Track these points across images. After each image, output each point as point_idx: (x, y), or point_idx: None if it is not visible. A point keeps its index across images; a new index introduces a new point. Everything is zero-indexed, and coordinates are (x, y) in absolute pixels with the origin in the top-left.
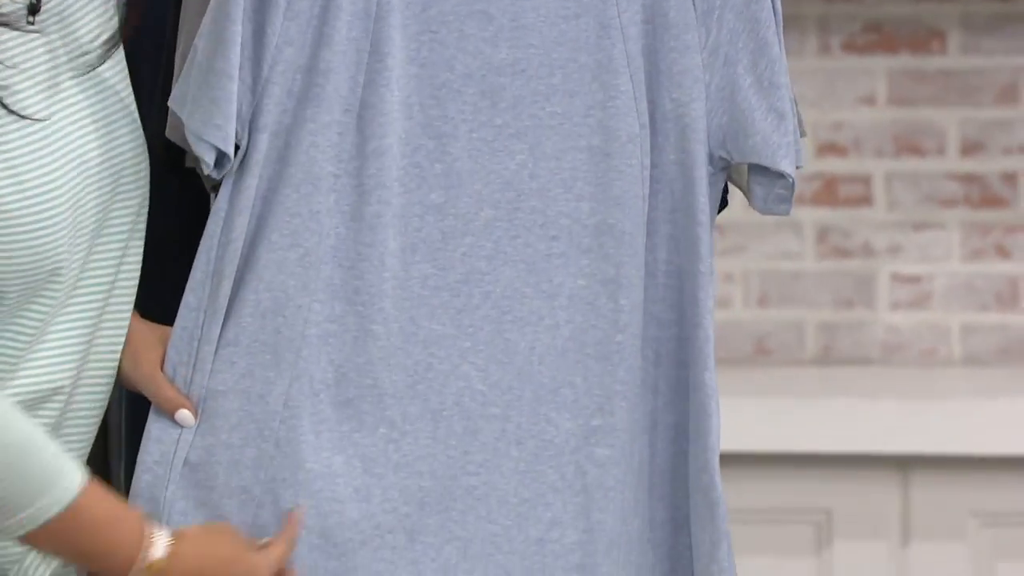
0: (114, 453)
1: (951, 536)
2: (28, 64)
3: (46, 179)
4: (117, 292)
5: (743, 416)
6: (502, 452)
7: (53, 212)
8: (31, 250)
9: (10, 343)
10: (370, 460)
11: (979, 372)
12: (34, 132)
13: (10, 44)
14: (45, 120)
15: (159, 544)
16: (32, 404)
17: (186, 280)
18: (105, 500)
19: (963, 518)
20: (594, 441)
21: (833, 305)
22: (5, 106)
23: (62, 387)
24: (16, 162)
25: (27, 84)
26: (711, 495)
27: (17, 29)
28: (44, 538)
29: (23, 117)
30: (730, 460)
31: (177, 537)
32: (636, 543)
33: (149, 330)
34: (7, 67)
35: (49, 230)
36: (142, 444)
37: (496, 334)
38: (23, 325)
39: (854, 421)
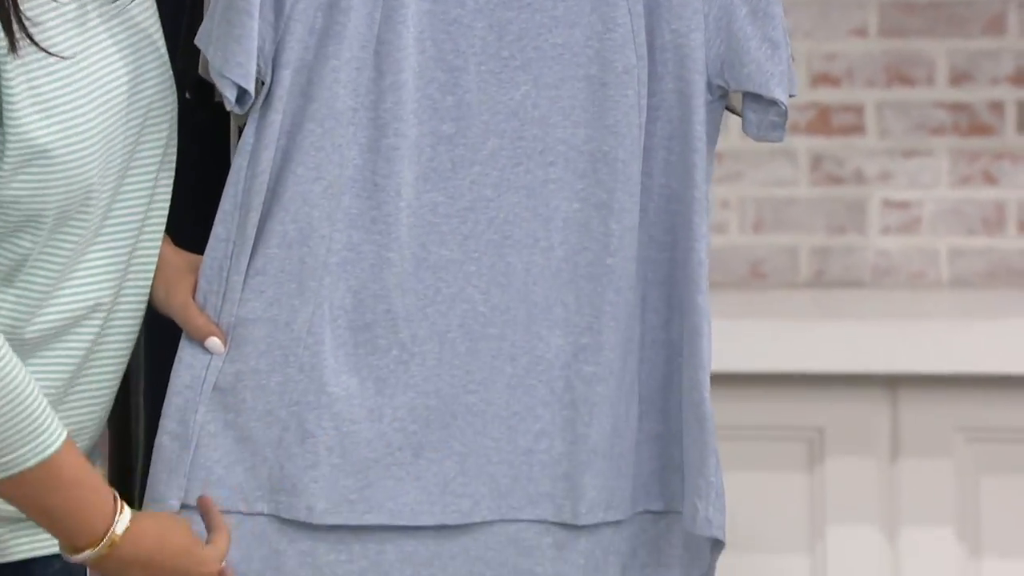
0: (133, 380)
1: (938, 451)
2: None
3: (74, 114)
4: (151, 218)
5: (739, 337)
6: (497, 369)
7: (83, 145)
8: (64, 180)
9: (49, 263)
10: (382, 381)
11: (966, 294)
12: (62, 68)
13: None
14: (71, 58)
15: (124, 517)
16: (76, 319)
17: (213, 212)
18: (81, 466)
19: (949, 434)
20: (583, 358)
21: (826, 230)
22: (35, 42)
23: (102, 303)
24: (45, 97)
25: (57, 20)
26: (701, 411)
27: None
28: (14, 488)
29: (50, 54)
30: (727, 380)
31: (137, 518)
32: (627, 455)
33: (181, 259)
34: (37, 2)
35: (79, 162)
36: (173, 369)
37: (498, 258)
38: (59, 247)
39: (845, 341)
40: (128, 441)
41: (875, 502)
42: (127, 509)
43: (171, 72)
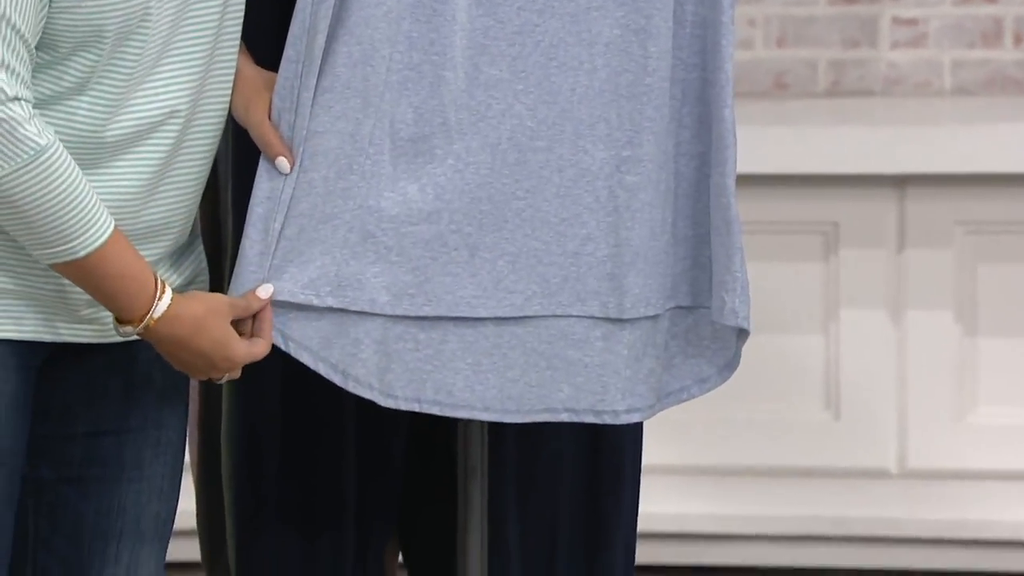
0: (222, 178)
1: (940, 243)
2: None
3: None
4: (225, 32)
5: (765, 142)
6: (546, 179)
7: None
8: (121, 1)
9: (117, 74)
10: (440, 187)
11: (966, 101)
12: None
13: None
14: None
15: (162, 304)
16: (154, 124)
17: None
18: (127, 257)
19: (950, 227)
20: (624, 169)
21: (842, 45)
22: None
23: (179, 110)
24: None
25: None
26: (728, 214)
27: None
28: (68, 271)
29: None
30: (753, 180)
31: (179, 303)
32: (664, 255)
33: (260, 77)
34: None
35: None
36: (256, 181)
37: (544, 78)
38: (124, 60)
39: (859, 145)
40: (219, 237)
41: (883, 288)
42: (166, 296)
43: None
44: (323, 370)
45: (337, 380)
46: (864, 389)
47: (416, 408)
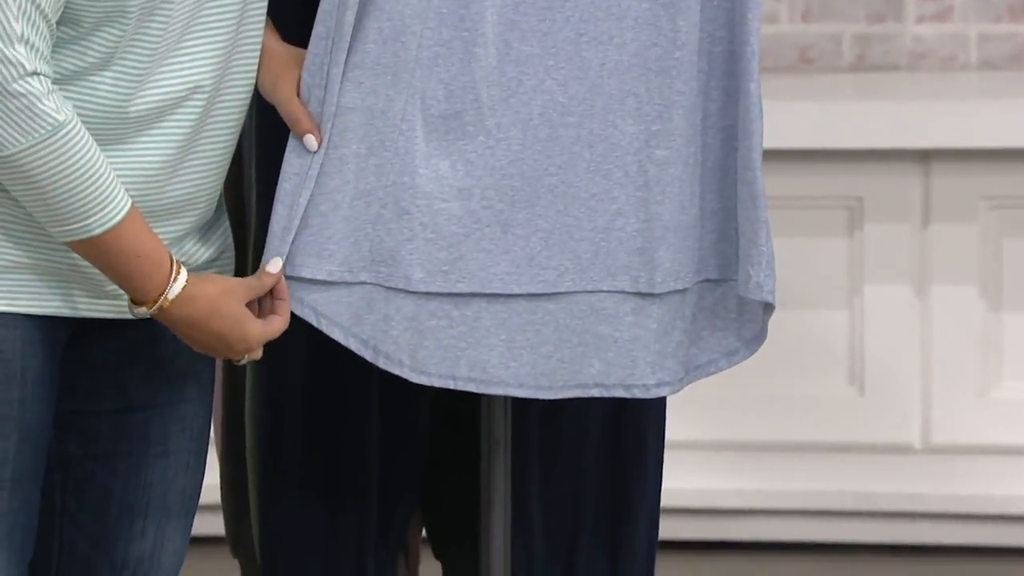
0: (246, 155)
1: (965, 217)
2: None
3: None
4: (250, 9)
5: (789, 117)
6: (577, 154)
7: None
8: None
9: (141, 49)
10: (471, 164)
11: (992, 75)
12: None
13: None
14: None
15: (177, 285)
16: (178, 100)
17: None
18: (142, 236)
19: (975, 201)
20: (654, 144)
21: (867, 19)
22: None
23: (203, 86)
24: None
25: None
26: (754, 188)
27: None
28: (83, 249)
29: None
30: (778, 155)
31: (195, 284)
32: (692, 229)
33: (287, 52)
34: None
35: None
36: (285, 156)
37: (574, 53)
38: (148, 35)
39: (884, 119)
40: (243, 213)
41: (908, 263)
42: (182, 277)
43: None
44: (354, 346)
45: (368, 356)
46: (888, 364)
47: (451, 385)
